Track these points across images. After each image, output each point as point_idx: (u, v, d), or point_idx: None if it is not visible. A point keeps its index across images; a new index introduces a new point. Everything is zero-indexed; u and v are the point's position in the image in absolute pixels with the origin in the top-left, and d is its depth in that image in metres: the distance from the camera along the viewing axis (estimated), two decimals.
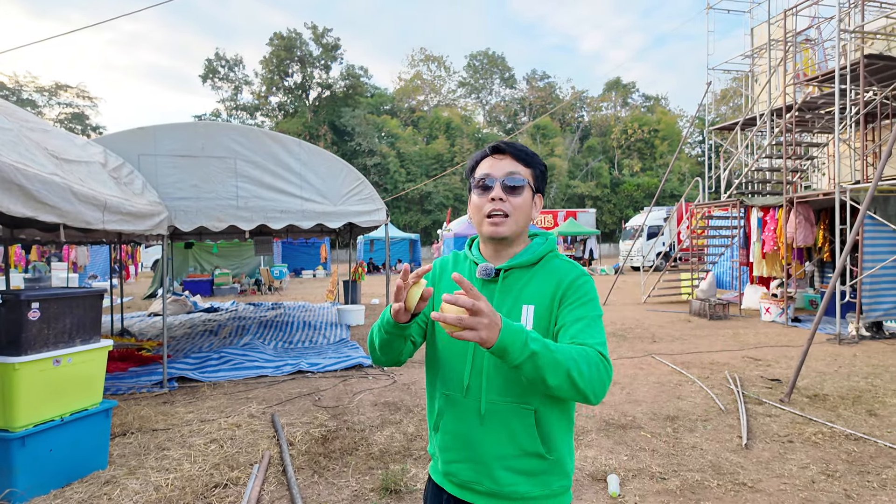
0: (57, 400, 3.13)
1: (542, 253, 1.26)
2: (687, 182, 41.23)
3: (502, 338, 0.95)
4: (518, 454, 1.18)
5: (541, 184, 1.29)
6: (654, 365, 6.13)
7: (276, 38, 42.88)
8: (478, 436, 1.20)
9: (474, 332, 0.92)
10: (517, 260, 1.24)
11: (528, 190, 1.24)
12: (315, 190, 6.15)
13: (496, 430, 1.18)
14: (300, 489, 3.10)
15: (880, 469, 3.30)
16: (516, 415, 1.18)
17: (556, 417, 1.21)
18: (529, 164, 1.26)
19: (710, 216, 12.24)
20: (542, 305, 1.20)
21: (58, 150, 3.62)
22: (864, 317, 7.55)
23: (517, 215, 1.22)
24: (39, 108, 39.13)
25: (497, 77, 54.32)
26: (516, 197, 1.22)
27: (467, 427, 1.21)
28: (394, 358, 1.28)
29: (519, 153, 1.25)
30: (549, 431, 1.19)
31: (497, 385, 1.19)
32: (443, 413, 1.26)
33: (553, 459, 1.20)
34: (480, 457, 1.19)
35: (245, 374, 5.83)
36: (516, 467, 1.18)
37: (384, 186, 37.73)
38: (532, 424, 1.18)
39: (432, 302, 1.33)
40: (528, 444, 1.18)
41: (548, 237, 1.32)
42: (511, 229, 1.22)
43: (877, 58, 8.15)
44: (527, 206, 1.24)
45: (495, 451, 1.18)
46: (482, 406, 1.19)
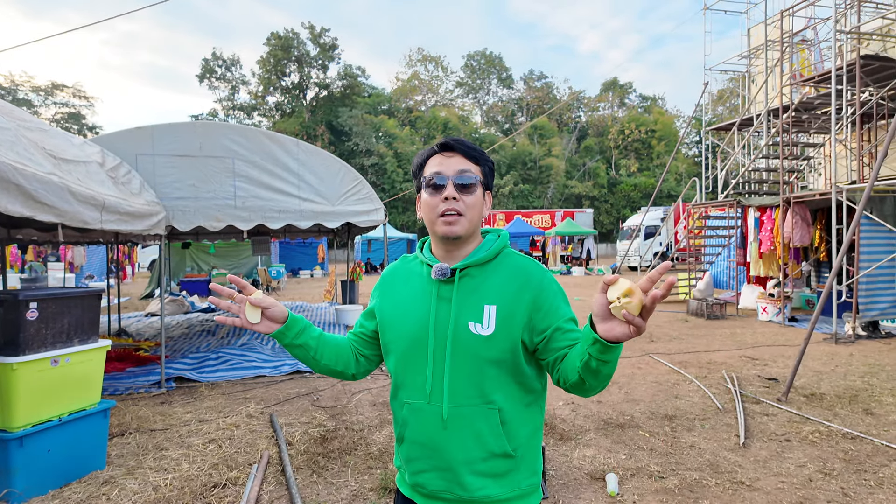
0: (55, 400, 3.12)
1: (496, 250, 1.23)
2: (684, 182, 41.30)
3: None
4: (485, 456, 1.15)
5: (490, 180, 1.27)
6: (651, 364, 6.15)
7: (274, 38, 42.80)
8: (442, 442, 1.16)
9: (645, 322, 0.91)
10: (472, 258, 1.21)
11: (480, 187, 1.22)
12: (313, 190, 6.15)
13: (461, 434, 1.15)
14: (299, 489, 3.09)
15: (877, 467, 3.32)
16: (481, 416, 1.15)
17: (520, 414, 1.19)
18: (479, 161, 1.23)
19: (707, 216, 12.27)
20: (504, 305, 1.17)
21: (56, 150, 3.61)
22: (861, 316, 7.58)
23: (471, 214, 1.19)
24: (35, 107, 38.98)
25: (494, 77, 54.33)
26: (469, 195, 1.19)
27: (431, 434, 1.18)
28: (325, 369, 1.32)
29: (469, 150, 1.22)
30: (515, 429, 1.17)
31: (460, 388, 1.16)
32: (407, 422, 1.22)
33: (520, 457, 1.18)
34: (447, 463, 1.16)
35: (243, 374, 5.82)
36: (484, 470, 1.15)
37: (382, 186, 37.70)
38: (497, 424, 1.15)
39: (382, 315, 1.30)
40: (495, 445, 1.15)
41: (500, 234, 1.29)
42: (465, 228, 1.19)
43: (872, 58, 8.19)
44: (479, 204, 1.22)
45: (462, 455, 1.15)
46: (444, 411, 1.16)
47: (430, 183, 1.20)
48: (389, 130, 42.70)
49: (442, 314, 1.18)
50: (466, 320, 1.16)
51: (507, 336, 1.15)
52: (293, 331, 1.25)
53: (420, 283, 1.25)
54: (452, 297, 1.19)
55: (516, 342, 1.15)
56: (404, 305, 1.25)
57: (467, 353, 1.15)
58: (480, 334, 1.15)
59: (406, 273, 1.31)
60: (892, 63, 8.30)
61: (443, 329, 1.18)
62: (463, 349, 1.15)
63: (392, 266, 1.37)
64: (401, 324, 1.24)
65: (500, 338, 1.15)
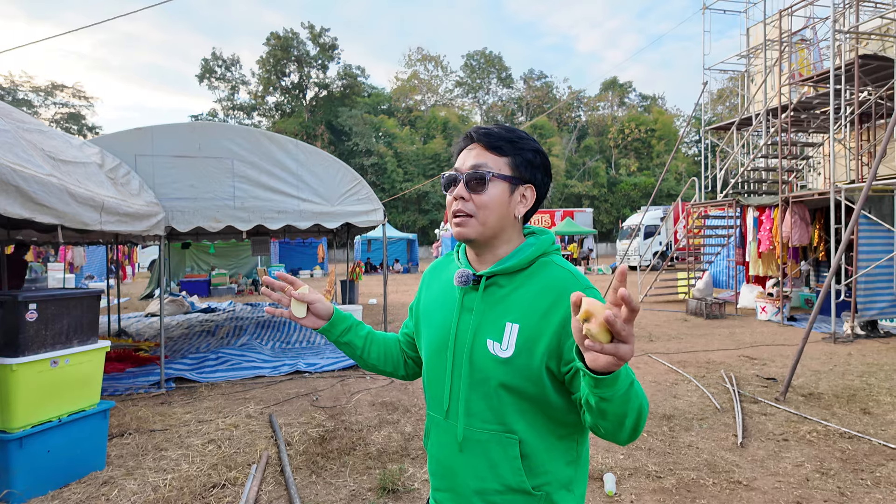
0: (54, 401, 3.13)
1: (531, 256, 1.05)
2: (683, 181, 41.32)
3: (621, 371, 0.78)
4: (501, 490, 1.01)
5: (529, 171, 1.07)
6: (650, 364, 6.16)
7: (273, 38, 42.81)
8: (457, 465, 1.05)
9: (628, 346, 0.72)
10: (502, 265, 1.05)
11: (500, 183, 1.04)
12: (312, 190, 6.16)
13: (476, 461, 1.03)
14: (298, 489, 3.10)
15: (874, 467, 3.33)
16: (498, 444, 1.01)
17: (547, 447, 1.02)
18: (504, 151, 1.05)
19: (706, 216, 12.28)
20: (529, 326, 0.99)
21: (55, 151, 3.62)
22: (859, 316, 7.59)
23: (483, 215, 1.03)
24: (35, 107, 39.00)
25: (494, 77, 54.34)
26: (481, 194, 1.03)
27: (448, 454, 1.07)
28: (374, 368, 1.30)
29: (492, 140, 1.05)
30: (539, 464, 1.01)
31: (476, 410, 1.03)
32: (429, 434, 1.13)
33: (541, 496, 1.01)
34: (460, 489, 1.05)
35: (243, 375, 5.83)
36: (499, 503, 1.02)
37: (381, 186, 37.71)
38: (516, 456, 1.00)
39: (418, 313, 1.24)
40: (511, 479, 1.00)
41: (542, 235, 1.10)
42: (477, 231, 1.04)
43: (871, 58, 8.20)
44: (497, 203, 1.04)
45: (475, 484, 1.03)
46: (459, 432, 1.04)
47: (444, 181, 1.09)
48: (389, 130, 42.72)
49: (464, 325, 1.06)
50: (486, 337, 1.02)
51: (527, 362, 0.98)
52: (338, 329, 1.24)
53: (451, 286, 1.13)
54: (474, 309, 1.06)
55: (538, 370, 0.98)
56: (434, 308, 1.16)
57: (484, 374, 1.02)
58: (498, 355, 1.00)
59: (444, 272, 1.20)
60: (891, 63, 8.31)
61: (462, 342, 1.05)
62: (479, 369, 1.02)
63: (435, 262, 1.27)
64: (429, 328, 1.15)
65: (518, 363, 0.99)
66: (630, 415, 0.82)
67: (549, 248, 1.09)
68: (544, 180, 1.10)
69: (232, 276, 17.13)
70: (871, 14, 9.10)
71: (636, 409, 0.83)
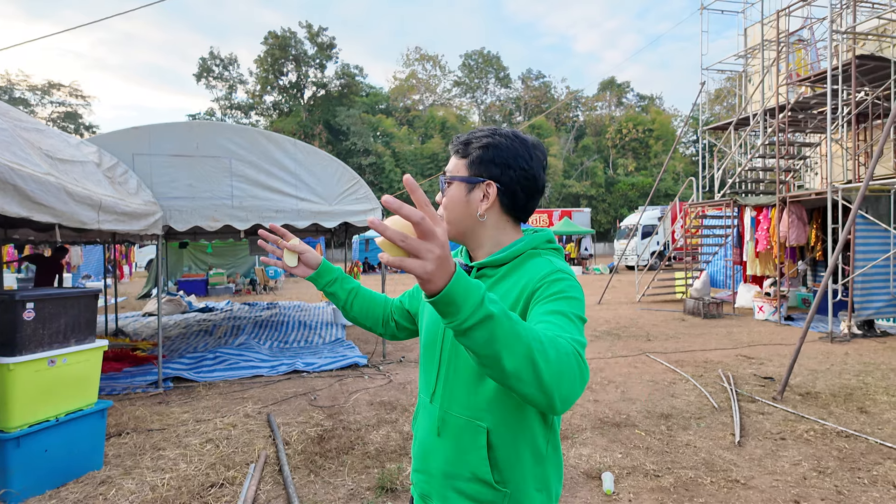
0: (52, 400, 3.12)
1: (519, 251, 1.07)
2: (681, 181, 41.38)
3: (453, 285, 0.71)
4: (468, 477, 1.03)
5: (483, 168, 1.07)
6: (648, 363, 6.17)
7: (271, 37, 42.72)
8: (434, 448, 1.09)
9: (419, 261, 0.69)
10: (490, 258, 1.08)
11: (457, 185, 1.08)
12: (310, 189, 6.15)
13: (448, 445, 1.06)
14: (296, 488, 3.10)
15: (871, 465, 3.34)
16: (468, 431, 1.03)
17: (517, 442, 1.03)
18: (462, 153, 1.10)
19: (704, 215, 12.31)
20: None
21: (52, 150, 3.61)
22: (856, 315, 7.62)
23: (449, 215, 1.10)
24: (32, 106, 38.85)
25: (492, 76, 54.32)
26: (446, 197, 1.10)
27: (428, 436, 1.11)
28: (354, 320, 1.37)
29: (456, 144, 1.12)
30: (505, 458, 1.02)
31: (455, 394, 1.06)
32: (417, 416, 1.19)
33: (507, 493, 1.02)
34: (432, 471, 1.09)
35: (240, 374, 5.83)
36: (465, 491, 1.04)
37: (379, 186, 37.70)
38: (483, 446, 1.01)
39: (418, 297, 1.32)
40: (478, 468, 1.02)
41: (536, 233, 1.13)
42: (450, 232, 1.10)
43: (868, 58, 8.22)
44: (454, 204, 1.08)
45: (445, 468, 1.06)
46: (438, 416, 1.08)
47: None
48: (387, 130, 42.69)
49: None
50: None
51: None
52: (324, 279, 1.32)
53: None
54: None
55: None
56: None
57: (463, 358, 1.06)
58: None
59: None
60: (888, 63, 8.34)
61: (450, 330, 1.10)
62: (462, 353, 1.07)
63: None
64: (424, 315, 1.22)
65: None
66: (508, 357, 0.73)
67: (540, 244, 1.10)
68: (507, 173, 1.07)
69: (230, 275, 17.10)
70: (868, 14, 9.13)
71: (519, 353, 0.73)
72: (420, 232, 0.70)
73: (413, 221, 0.69)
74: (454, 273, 0.72)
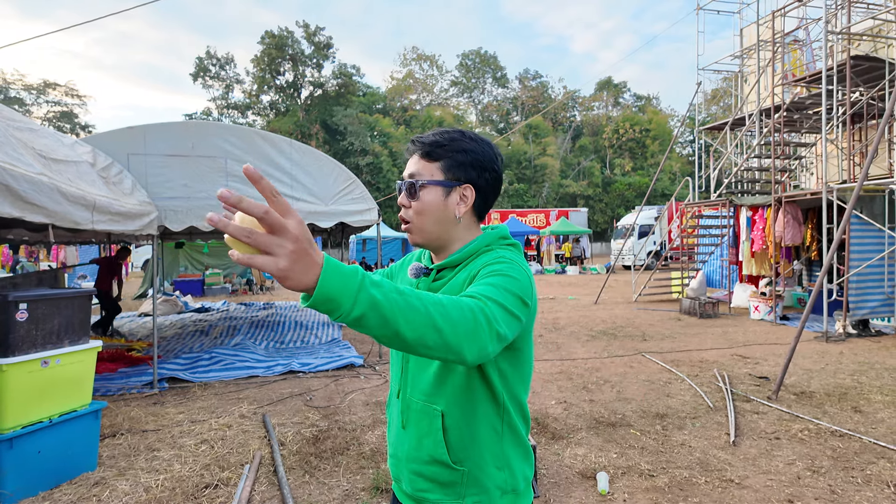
0: (45, 401, 3.11)
1: (473, 249, 1.09)
2: (678, 181, 41.48)
3: (324, 279, 0.68)
4: (427, 460, 1.07)
5: (462, 171, 1.08)
6: (644, 363, 6.18)
7: (268, 37, 42.65)
8: (400, 436, 1.13)
9: (270, 257, 0.65)
10: (447, 259, 1.11)
11: (433, 188, 1.07)
12: (306, 189, 6.14)
13: (411, 431, 1.10)
14: (291, 489, 3.10)
15: (864, 465, 3.35)
16: (425, 416, 1.07)
17: (470, 422, 1.05)
18: (435, 156, 1.08)
19: (700, 215, 12.34)
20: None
21: (46, 150, 3.60)
22: (851, 315, 7.65)
23: (420, 221, 1.09)
24: (27, 106, 38.69)
25: (489, 76, 54.37)
26: (416, 201, 1.08)
27: (396, 426, 1.15)
28: None
29: (424, 146, 1.09)
30: (459, 438, 1.05)
31: (414, 384, 1.10)
32: (389, 405, 1.22)
33: (465, 471, 1.05)
34: (400, 455, 1.13)
35: (236, 375, 5.81)
36: (426, 473, 1.08)
37: (377, 185, 37.69)
38: (438, 429, 1.05)
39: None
40: (434, 451, 1.06)
41: (491, 231, 1.14)
42: (420, 237, 1.10)
43: (863, 59, 8.25)
44: (432, 209, 1.08)
45: (409, 452, 1.10)
46: (401, 406, 1.13)
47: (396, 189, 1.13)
48: (384, 129, 42.67)
49: None
50: None
51: None
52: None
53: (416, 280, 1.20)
54: None
55: None
56: None
57: None
58: None
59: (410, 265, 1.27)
60: (882, 63, 8.37)
61: None
62: None
63: (408, 255, 1.32)
64: None
65: None
66: (407, 330, 0.74)
67: (493, 241, 1.11)
68: (483, 176, 1.10)
69: (226, 275, 17.05)
70: (863, 15, 9.16)
71: (418, 322, 0.74)
72: (267, 226, 0.65)
73: (256, 216, 0.64)
74: (322, 266, 0.69)
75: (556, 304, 11.93)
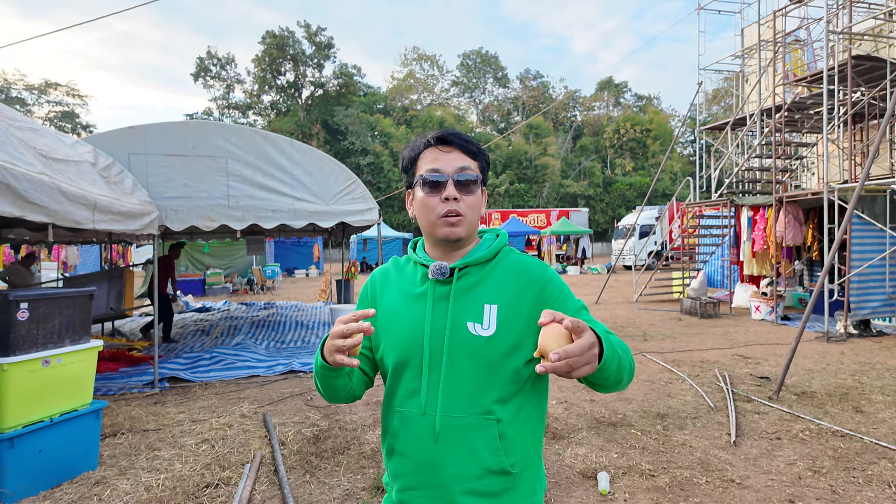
0: (46, 401, 3.11)
1: (496, 248, 1.15)
2: (679, 181, 41.45)
3: (604, 358, 0.87)
4: (480, 474, 1.04)
5: (486, 176, 1.18)
6: (645, 363, 6.17)
7: (269, 37, 42.67)
8: (434, 457, 1.06)
9: (589, 366, 0.82)
10: (472, 256, 1.12)
11: (479, 186, 1.13)
12: (307, 189, 6.14)
13: (455, 449, 1.05)
14: (292, 489, 3.10)
15: (866, 465, 3.35)
16: (477, 428, 1.05)
17: (520, 426, 1.09)
18: (476, 155, 1.14)
19: (701, 215, 12.33)
20: (506, 304, 1.08)
21: (47, 150, 3.60)
22: (852, 315, 7.64)
23: (471, 215, 1.11)
24: (28, 105, 38.73)
25: (490, 76, 54.34)
26: (470, 195, 1.10)
27: (423, 447, 1.07)
28: (347, 395, 1.16)
29: (466, 144, 1.12)
30: (514, 443, 1.07)
31: (457, 396, 1.06)
32: (398, 434, 1.10)
33: (518, 473, 1.07)
34: (439, 480, 1.05)
35: (237, 374, 5.81)
36: (479, 489, 1.05)
37: (377, 185, 37.69)
38: (495, 437, 1.05)
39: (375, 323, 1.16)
40: (492, 461, 1.05)
41: (499, 233, 1.20)
42: (467, 230, 1.11)
43: (864, 59, 8.24)
44: (479, 204, 1.14)
45: (455, 471, 1.04)
46: (437, 422, 1.06)
47: (427, 181, 1.09)
48: (385, 129, 42.67)
49: (438, 315, 1.08)
50: (465, 320, 1.06)
51: (510, 336, 1.06)
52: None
53: (414, 284, 1.15)
54: (450, 297, 1.09)
55: (520, 343, 1.06)
56: (397, 309, 1.14)
57: (465, 356, 1.05)
58: (480, 335, 1.05)
59: (398, 275, 1.21)
60: (884, 63, 8.36)
61: (440, 331, 1.07)
62: (461, 352, 1.05)
63: (381, 269, 1.26)
64: (394, 328, 1.13)
65: (501, 338, 1.05)
66: (621, 374, 0.96)
67: (507, 241, 1.21)
68: (487, 178, 1.21)
69: (227, 275, 17.07)
70: (864, 15, 9.15)
71: (627, 369, 0.98)
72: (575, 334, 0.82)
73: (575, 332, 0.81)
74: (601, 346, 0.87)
75: None
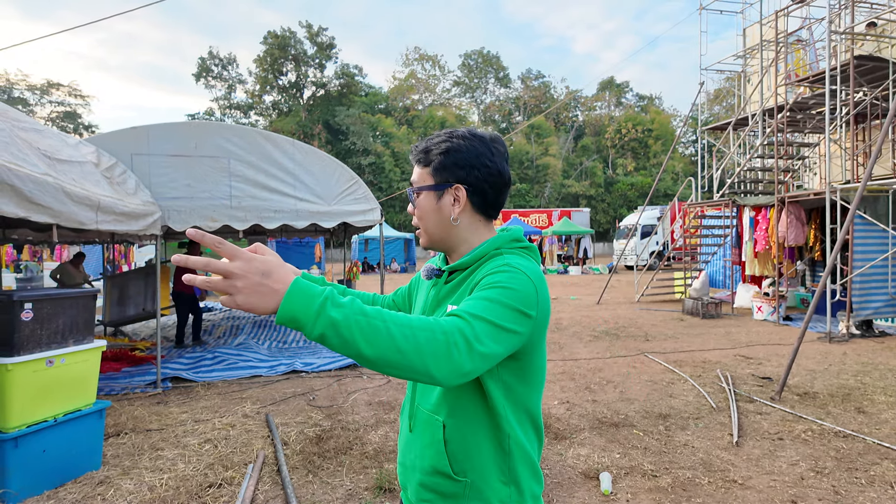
0: (50, 400, 3.12)
1: (482, 252, 1.08)
2: (680, 181, 41.40)
3: (286, 304, 0.76)
4: (429, 470, 1.06)
5: (449, 173, 1.08)
6: (646, 363, 6.17)
7: (271, 37, 42.73)
8: (407, 443, 1.14)
9: (229, 297, 0.76)
10: (458, 262, 1.11)
11: (426, 194, 1.10)
12: (309, 189, 6.15)
13: (417, 440, 1.10)
14: (294, 489, 3.10)
15: (868, 465, 3.35)
16: (429, 426, 1.07)
17: (471, 435, 1.03)
18: (424, 161, 1.11)
19: (703, 215, 12.31)
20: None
21: (50, 150, 3.61)
22: (854, 315, 7.63)
23: (425, 224, 1.13)
24: (31, 106, 38.79)
25: (492, 76, 54.33)
26: (418, 208, 1.13)
27: (405, 432, 1.17)
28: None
29: (416, 154, 1.14)
30: (463, 450, 1.03)
31: (423, 392, 1.11)
32: (403, 410, 1.23)
33: (467, 482, 1.03)
34: (407, 464, 1.14)
35: (239, 374, 5.82)
36: (429, 485, 1.07)
37: (379, 185, 37.69)
38: (440, 440, 1.04)
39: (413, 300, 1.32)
40: (436, 461, 1.05)
41: (501, 234, 1.14)
42: (428, 240, 1.14)
43: (866, 59, 8.23)
44: (428, 213, 1.11)
45: (414, 462, 1.11)
46: (410, 411, 1.15)
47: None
48: (386, 129, 42.68)
49: (428, 311, 1.18)
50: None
51: None
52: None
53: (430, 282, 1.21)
54: (440, 299, 1.15)
55: None
56: (418, 300, 1.27)
57: None
58: None
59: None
60: (886, 63, 8.35)
61: None
62: None
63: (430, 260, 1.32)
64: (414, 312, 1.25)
65: None
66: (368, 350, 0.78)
67: (504, 243, 1.10)
68: (472, 173, 1.08)
69: None
70: (866, 15, 9.14)
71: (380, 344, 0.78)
72: (218, 272, 0.76)
73: (200, 268, 0.77)
74: (286, 291, 0.77)
75: (559, 304, 11.92)
